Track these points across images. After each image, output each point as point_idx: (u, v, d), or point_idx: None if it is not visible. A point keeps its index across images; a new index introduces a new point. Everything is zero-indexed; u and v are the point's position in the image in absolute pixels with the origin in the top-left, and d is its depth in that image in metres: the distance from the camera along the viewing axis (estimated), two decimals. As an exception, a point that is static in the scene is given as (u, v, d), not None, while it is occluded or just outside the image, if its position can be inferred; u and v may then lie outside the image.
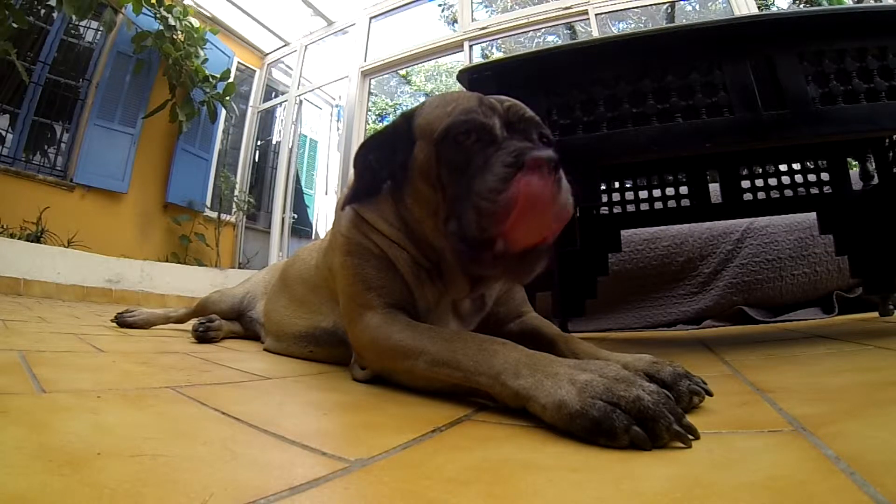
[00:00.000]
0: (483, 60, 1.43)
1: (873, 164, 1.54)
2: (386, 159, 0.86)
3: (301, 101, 6.48)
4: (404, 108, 0.94)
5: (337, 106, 7.30)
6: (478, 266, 0.72)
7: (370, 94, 6.08)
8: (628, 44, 1.16)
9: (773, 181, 1.63)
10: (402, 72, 9.87)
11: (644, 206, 1.73)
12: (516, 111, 0.79)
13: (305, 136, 7.44)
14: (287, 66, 6.71)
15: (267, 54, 6.67)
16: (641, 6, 5.00)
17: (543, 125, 0.82)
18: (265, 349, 1.33)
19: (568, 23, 5.26)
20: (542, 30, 5.94)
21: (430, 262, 0.86)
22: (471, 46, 5.13)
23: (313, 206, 7.79)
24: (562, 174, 0.67)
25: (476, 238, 0.69)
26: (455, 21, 6.36)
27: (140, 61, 4.88)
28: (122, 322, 1.74)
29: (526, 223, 0.66)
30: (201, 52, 5.16)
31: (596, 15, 4.57)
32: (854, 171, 1.64)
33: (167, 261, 5.17)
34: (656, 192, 1.72)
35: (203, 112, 5.32)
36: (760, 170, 1.63)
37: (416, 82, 11.26)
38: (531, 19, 4.94)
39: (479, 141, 0.73)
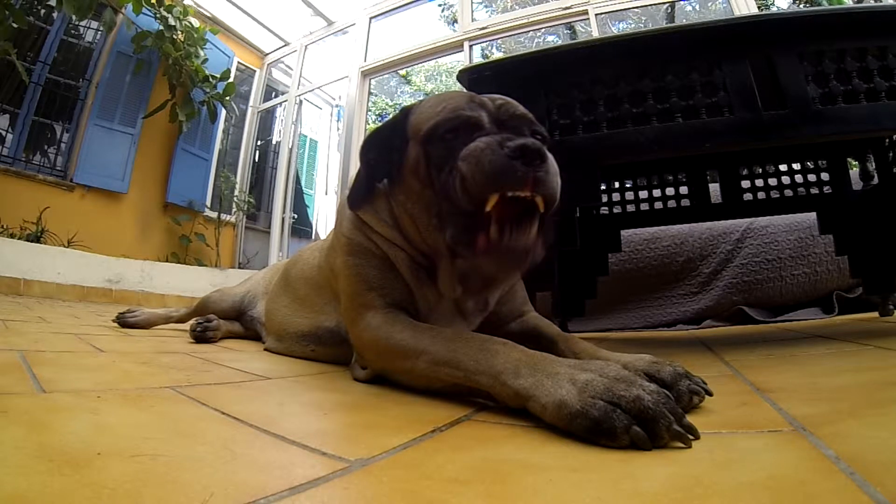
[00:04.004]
0: (483, 60, 1.43)
1: (873, 164, 1.54)
2: (384, 158, 0.86)
3: (301, 101, 6.48)
4: (404, 110, 0.94)
5: (337, 106, 7.30)
6: (469, 251, 0.70)
7: (370, 94, 6.08)
8: (628, 44, 1.16)
9: (773, 181, 1.63)
10: (402, 72, 9.86)
11: (644, 206, 1.73)
12: (508, 108, 0.79)
13: (305, 136, 7.43)
14: (287, 66, 6.71)
15: (267, 54, 6.67)
16: (641, 6, 4.99)
17: (537, 123, 0.82)
18: (266, 349, 1.33)
19: (568, 23, 5.26)
20: (542, 30, 5.94)
21: (427, 262, 0.86)
22: (471, 46, 5.13)
23: (313, 206, 7.79)
24: (549, 164, 0.67)
25: (464, 207, 0.69)
26: (455, 21, 6.36)
27: (140, 61, 4.88)
28: (123, 322, 1.74)
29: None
30: (201, 52, 5.15)
31: (596, 15, 4.57)
32: (854, 171, 1.64)
33: (167, 261, 5.17)
34: (656, 192, 1.72)
35: (203, 112, 5.32)
36: (760, 170, 1.63)
37: (416, 82, 11.25)
38: (531, 19, 4.94)
39: (465, 133, 0.73)
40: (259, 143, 6.78)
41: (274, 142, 6.94)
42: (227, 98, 5.38)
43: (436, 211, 0.76)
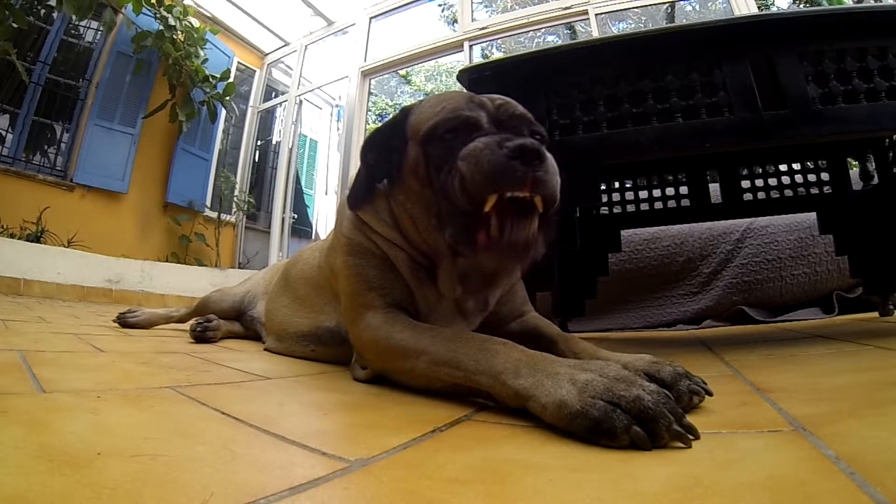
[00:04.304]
0: (483, 60, 1.43)
1: (873, 164, 1.54)
2: (384, 158, 0.86)
3: (301, 101, 6.48)
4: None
5: (337, 106, 7.30)
6: (470, 248, 0.70)
7: (370, 94, 6.08)
8: (628, 44, 1.16)
9: (773, 181, 1.63)
10: (402, 72, 9.86)
11: (644, 206, 1.73)
12: (507, 108, 0.79)
13: (305, 136, 7.43)
14: (287, 66, 6.71)
15: (267, 54, 6.67)
16: (641, 6, 4.99)
17: (536, 122, 0.82)
18: (266, 349, 1.33)
19: (568, 23, 5.26)
20: (542, 30, 5.94)
21: (427, 262, 0.86)
22: (471, 46, 5.13)
23: (313, 206, 7.79)
24: (548, 164, 0.67)
25: (463, 208, 0.68)
26: (455, 21, 6.36)
27: (140, 61, 4.88)
28: (124, 322, 1.74)
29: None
30: (201, 52, 5.15)
31: (596, 15, 4.57)
32: (854, 171, 1.64)
33: (167, 261, 5.17)
34: (656, 192, 1.72)
35: (203, 112, 5.32)
36: (760, 170, 1.63)
37: (416, 82, 11.25)
38: (531, 19, 4.94)
39: (464, 133, 0.74)
40: (259, 143, 6.78)
41: (274, 142, 6.94)
42: (227, 98, 5.38)
43: (435, 211, 0.76)
